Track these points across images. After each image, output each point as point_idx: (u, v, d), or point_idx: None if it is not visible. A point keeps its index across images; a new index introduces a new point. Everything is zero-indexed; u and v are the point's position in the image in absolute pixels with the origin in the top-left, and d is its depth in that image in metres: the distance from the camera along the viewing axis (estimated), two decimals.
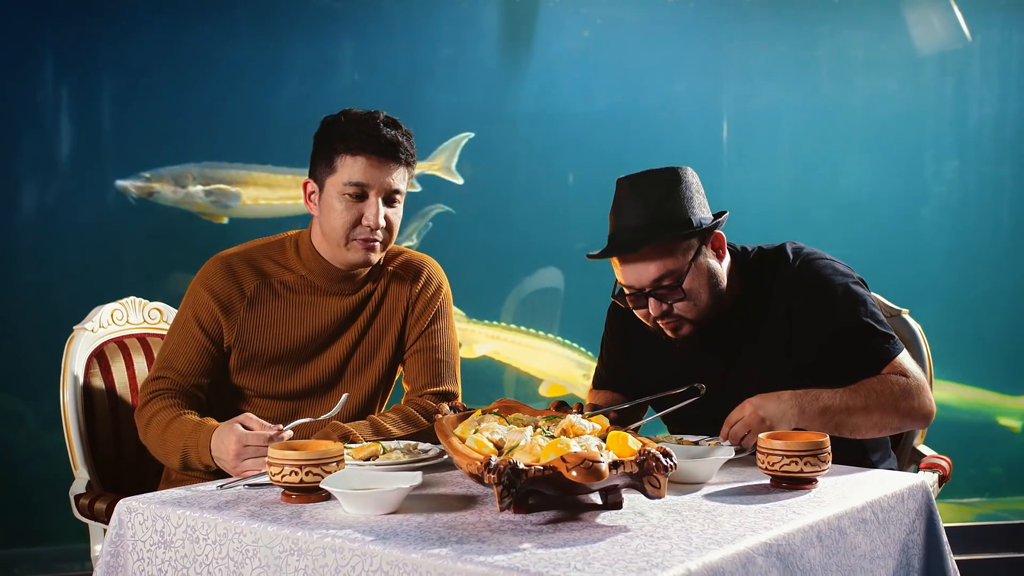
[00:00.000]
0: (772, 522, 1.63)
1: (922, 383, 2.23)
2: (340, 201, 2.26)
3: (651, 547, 1.49)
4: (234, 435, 1.99)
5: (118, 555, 1.79)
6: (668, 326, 2.26)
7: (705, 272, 2.24)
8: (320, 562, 1.56)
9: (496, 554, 1.45)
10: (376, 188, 2.26)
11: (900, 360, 2.24)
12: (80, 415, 2.43)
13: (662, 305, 2.22)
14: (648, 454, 1.62)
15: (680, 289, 2.20)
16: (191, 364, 2.28)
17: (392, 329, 2.40)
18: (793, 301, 2.27)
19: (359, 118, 2.27)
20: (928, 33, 5.33)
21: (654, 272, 2.20)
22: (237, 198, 4.49)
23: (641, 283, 2.22)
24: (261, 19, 4.82)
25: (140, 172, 4.41)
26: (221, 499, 1.79)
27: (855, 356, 2.23)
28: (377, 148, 2.24)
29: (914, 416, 2.22)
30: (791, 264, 2.31)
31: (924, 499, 1.93)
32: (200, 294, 2.32)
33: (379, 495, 1.67)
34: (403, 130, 2.30)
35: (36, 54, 4.48)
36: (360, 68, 4.94)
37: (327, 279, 2.34)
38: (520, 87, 5.19)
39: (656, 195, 2.21)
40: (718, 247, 2.28)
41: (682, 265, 2.21)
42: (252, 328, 2.31)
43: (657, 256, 2.19)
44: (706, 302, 2.24)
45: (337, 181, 2.26)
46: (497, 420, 1.92)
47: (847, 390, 2.17)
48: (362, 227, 2.27)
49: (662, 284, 2.21)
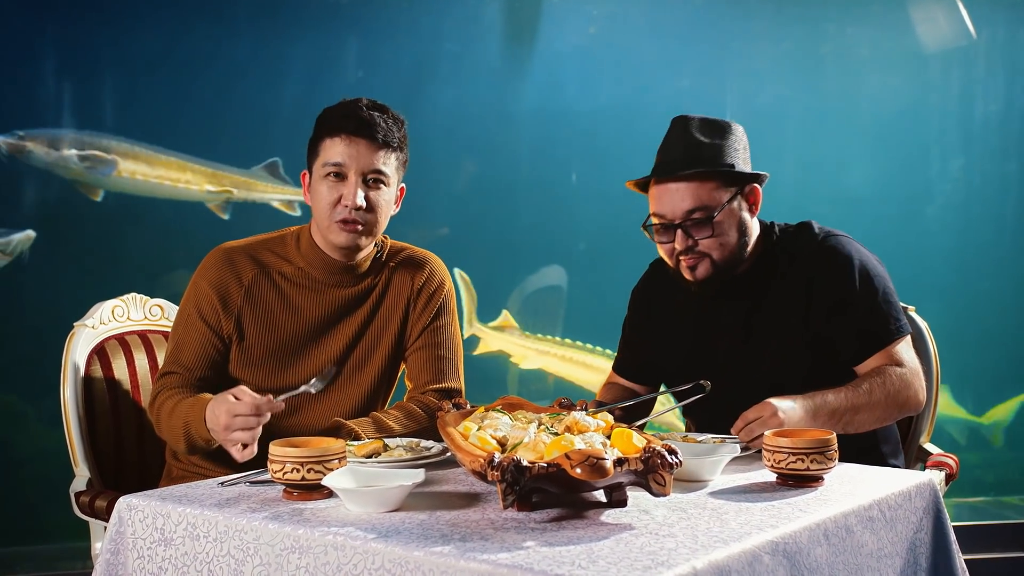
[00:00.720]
0: (779, 520, 1.62)
1: (917, 372, 2.28)
2: (323, 184, 2.27)
3: (656, 545, 1.47)
4: (225, 405, 1.97)
5: (118, 552, 1.78)
6: (689, 262, 2.30)
7: (736, 218, 2.30)
8: (322, 560, 1.54)
9: (500, 552, 1.43)
10: (354, 168, 2.25)
11: (900, 346, 2.29)
12: (80, 412, 2.42)
13: (688, 240, 2.27)
14: (653, 451, 1.60)
15: (710, 225, 2.26)
16: (196, 357, 2.28)
17: (393, 325, 2.39)
18: (814, 273, 2.32)
19: (344, 105, 2.29)
20: (933, 30, 5.32)
21: (689, 203, 2.26)
22: (112, 166, 4.43)
23: (674, 212, 2.27)
24: (263, 17, 4.81)
25: (15, 130, 4.37)
26: (222, 496, 1.77)
27: (858, 328, 2.28)
28: (354, 128, 2.24)
29: (908, 407, 2.27)
30: (816, 236, 2.37)
31: (932, 497, 1.91)
32: (200, 286, 2.32)
33: (381, 492, 1.66)
34: (389, 114, 2.29)
35: (38, 52, 4.48)
36: (364, 65, 4.93)
37: (326, 271, 2.33)
38: (523, 84, 5.18)
39: (705, 135, 2.28)
40: (752, 202, 2.34)
41: (716, 202, 2.27)
42: (250, 318, 2.30)
43: (694, 188, 2.26)
44: (732, 246, 2.30)
45: (319, 164, 2.28)
46: (501, 416, 1.90)
47: (851, 388, 2.19)
48: (341, 207, 2.26)
49: (693, 216, 2.26)
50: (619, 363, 2.61)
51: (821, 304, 2.30)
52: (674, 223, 2.28)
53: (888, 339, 2.28)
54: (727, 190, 2.28)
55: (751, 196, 2.33)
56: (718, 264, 2.30)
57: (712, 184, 2.27)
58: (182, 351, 2.29)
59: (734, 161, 2.29)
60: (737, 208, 2.30)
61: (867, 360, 2.29)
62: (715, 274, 2.31)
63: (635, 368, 2.57)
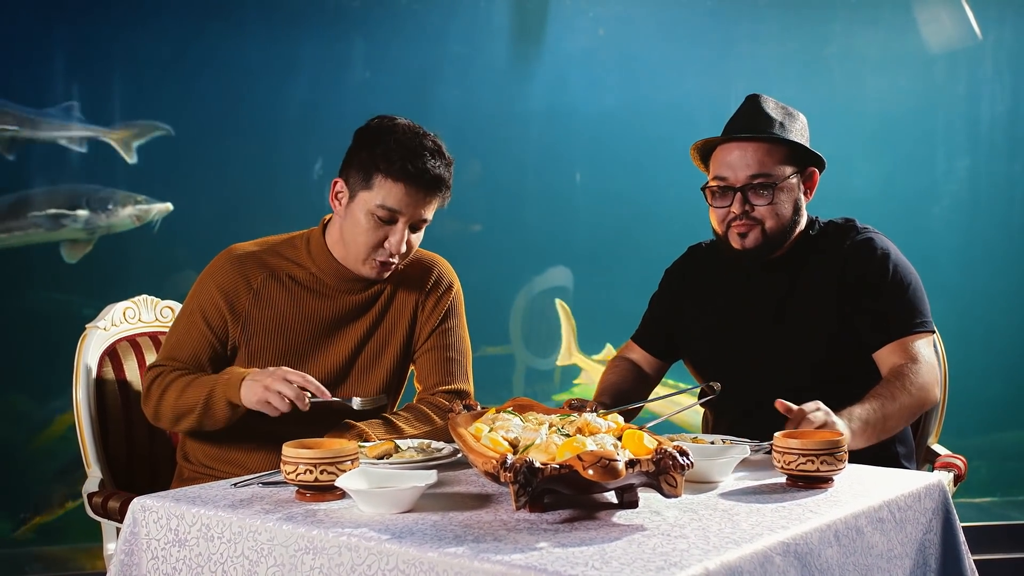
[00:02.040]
0: (789, 521, 1.63)
1: (933, 369, 2.30)
2: (367, 219, 2.23)
3: (668, 546, 1.48)
4: (281, 371, 2.09)
5: (132, 553, 1.79)
6: (740, 228, 2.34)
7: (794, 195, 2.37)
8: (336, 561, 1.55)
9: (513, 553, 1.44)
10: (408, 216, 2.23)
11: (920, 342, 2.31)
12: (93, 413, 2.43)
13: (745, 204, 2.32)
14: (665, 453, 1.61)
15: (771, 192, 2.32)
16: (195, 356, 2.28)
17: (401, 328, 2.39)
18: (849, 260, 2.36)
19: (407, 143, 2.21)
20: (939, 31, 5.32)
21: (754, 167, 2.32)
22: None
23: (736, 175, 2.33)
24: (271, 18, 4.82)
25: None
26: (235, 497, 1.78)
27: (883, 312, 2.31)
28: (419, 182, 2.21)
29: (926, 406, 2.29)
30: (855, 229, 2.43)
31: (941, 498, 1.92)
32: (207, 287, 2.32)
33: (395, 494, 1.67)
34: (446, 159, 2.26)
35: (47, 53, 4.49)
36: (371, 66, 4.94)
37: (336, 278, 2.33)
38: (530, 86, 5.19)
39: (776, 113, 2.36)
40: (809, 186, 2.41)
41: (779, 174, 2.33)
42: (258, 321, 2.30)
43: (761, 154, 2.33)
44: (784, 220, 2.35)
45: (370, 199, 2.22)
46: (512, 418, 1.91)
47: (877, 397, 2.19)
48: (383, 250, 2.26)
49: (754, 181, 2.31)
50: (639, 333, 2.63)
51: (852, 288, 2.33)
52: (735, 186, 2.33)
53: (909, 330, 2.30)
54: (790, 166, 2.35)
55: (809, 180, 2.40)
56: (768, 235, 2.34)
57: (778, 155, 2.33)
58: (181, 348, 2.29)
59: (801, 142, 2.37)
60: (795, 186, 2.37)
61: (885, 347, 2.30)
62: (763, 244, 2.35)
63: (654, 340, 2.60)
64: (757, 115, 2.35)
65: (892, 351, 2.30)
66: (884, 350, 2.31)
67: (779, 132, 2.34)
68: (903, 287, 2.35)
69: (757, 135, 2.33)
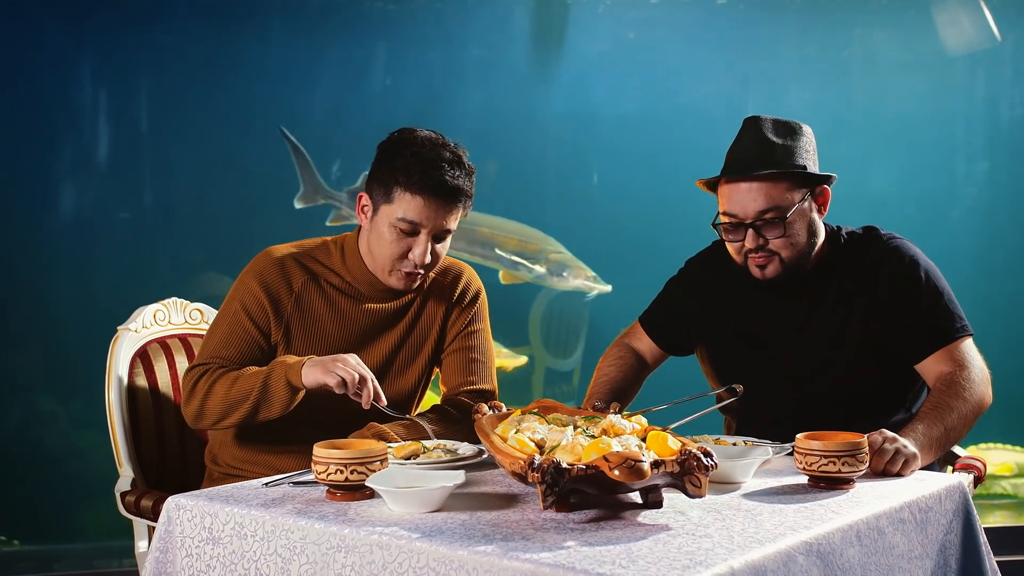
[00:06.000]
0: (812, 521, 1.65)
1: (983, 371, 2.28)
2: (390, 232, 2.26)
3: (693, 545, 1.51)
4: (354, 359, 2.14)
5: (167, 551, 1.83)
6: (757, 261, 2.32)
7: (807, 218, 2.33)
8: (367, 559, 1.59)
9: (542, 552, 1.47)
10: (429, 227, 2.25)
11: (964, 345, 2.30)
12: (124, 414, 2.47)
13: (759, 239, 2.29)
14: (689, 454, 1.64)
15: (782, 224, 2.28)
16: (241, 355, 2.28)
17: (432, 334, 2.42)
18: (879, 271, 2.34)
19: (425, 155, 2.23)
20: (958, 34, 5.31)
21: (761, 203, 2.28)
22: None
23: (746, 212, 2.29)
24: (295, 25, 4.87)
25: None
26: (267, 497, 1.82)
27: (924, 324, 2.30)
28: (438, 193, 2.23)
29: (983, 408, 2.26)
30: (881, 238, 2.41)
31: (961, 500, 1.94)
32: (250, 285, 2.32)
33: (424, 493, 1.70)
34: (466, 168, 2.26)
35: (75, 59, 4.55)
36: (392, 71, 4.98)
37: (370, 287, 2.36)
38: (550, 89, 5.21)
39: (778, 136, 2.31)
40: (821, 203, 2.37)
41: (788, 203, 2.29)
42: (298, 324, 2.33)
43: (767, 188, 2.28)
44: (801, 246, 2.32)
45: (391, 212, 2.25)
46: (537, 420, 1.94)
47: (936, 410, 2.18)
48: (407, 261, 2.28)
49: (765, 216, 2.28)
50: (651, 320, 2.61)
51: (883, 302, 2.32)
52: (745, 222, 2.30)
53: (951, 336, 2.29)
54: (799, 191, 2.30)
55: (820, 197, 2.36)
56: (787, 263, 2.32)
57: (784, 185, 2.28)
58: (227, 347, 2.28)
59: (805, 162, 2.32)
60: (808, 209, 2.32)
61: (930, 357, 2.29)
62: (783, 273, 2.33)
63: (665, 332, 2.58)
64: (759, 144, 2.29)
65: (938, 360, 2.28)
66: (929, 360, 2.29)
67: (782, 157, 2.28)
68: (938, 292, 2.33)
69: (759, 173, 2.27)
